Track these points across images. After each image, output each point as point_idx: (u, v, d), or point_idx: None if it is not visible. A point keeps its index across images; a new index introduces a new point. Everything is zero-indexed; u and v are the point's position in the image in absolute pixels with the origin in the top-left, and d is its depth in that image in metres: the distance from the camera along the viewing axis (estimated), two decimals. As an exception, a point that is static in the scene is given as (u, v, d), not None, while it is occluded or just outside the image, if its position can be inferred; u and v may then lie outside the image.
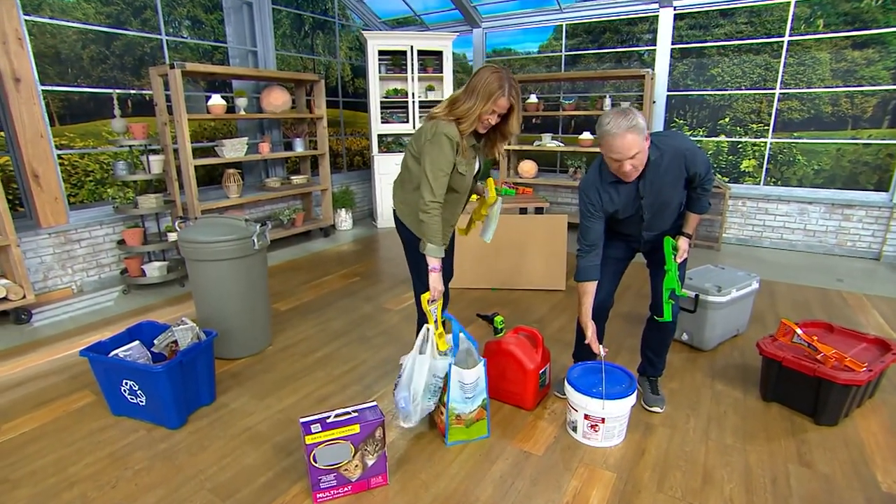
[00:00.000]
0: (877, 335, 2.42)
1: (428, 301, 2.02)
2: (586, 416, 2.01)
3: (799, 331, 2.27)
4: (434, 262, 2.01)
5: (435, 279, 2.02)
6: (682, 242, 2.13)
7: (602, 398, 1.96)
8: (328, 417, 1.72)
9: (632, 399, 2.00)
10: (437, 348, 2.00)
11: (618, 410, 1.98)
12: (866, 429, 2.13)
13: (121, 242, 3.95)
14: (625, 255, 2.21)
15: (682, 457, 1.97)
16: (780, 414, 2.24)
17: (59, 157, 3.78)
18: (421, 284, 2.17)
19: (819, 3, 4.57)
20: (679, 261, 2.10)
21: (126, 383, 2.14)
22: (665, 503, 1.73)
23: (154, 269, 3.87)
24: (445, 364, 1.98)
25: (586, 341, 2.12)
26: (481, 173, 2.24)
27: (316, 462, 1.68)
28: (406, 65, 5.67)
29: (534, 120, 6.25)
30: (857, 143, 4.64)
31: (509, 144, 5.73)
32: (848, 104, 4.63)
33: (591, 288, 2.08)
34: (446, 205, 2.07)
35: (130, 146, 3.77)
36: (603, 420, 1.98)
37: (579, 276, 2.08)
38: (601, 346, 2.12)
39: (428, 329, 2.02)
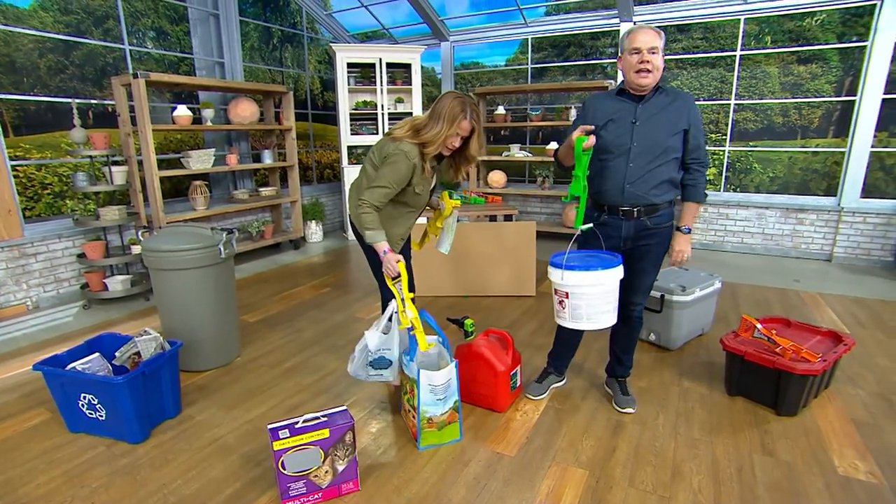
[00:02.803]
0: (829, 328, 2.53)
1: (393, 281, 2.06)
2: (555, 291, 1.95)
3: (759, 325, 2.36)
4: (381, 247, 2.05)
5: (388, 259, 2.03)
6: (679, 243, 2.08)
7: (562, 268, 1.85)
8: (297, 423, 1.68)
9: (598, 274, 1.83)
10: (400, 325, 2.05)
11: (579, 280, 1.83)
12: (823, 417, 2.22)
13: (81, 256, 3.81)
14: None
15: (652, 452, 2.01)
16: (745, 407, 2.31)
17: (14, 168, 3.63)
18: (385, 288, 2.24)
19: (766, 21, 4.84)
20: (679, 265, 2.06)
21: (84, 397, 2.05)
22: (637, 497, 1.76)
23: (117, 283, 3.74)
24: (404, 336, 2.07)
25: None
26: (436, 187, 2.32)
27: (285, 469, 1.64)
28: (375, 77, 5.70)
29: (502, 131, 6.36)
30: (806, 152, 4.90)
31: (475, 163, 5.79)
32: (796, 115, 4.89)
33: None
34: (400, 219, 2.22)
35: (91, 157, 3.66)
36: (567, 294, 1.88)
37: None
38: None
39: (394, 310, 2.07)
